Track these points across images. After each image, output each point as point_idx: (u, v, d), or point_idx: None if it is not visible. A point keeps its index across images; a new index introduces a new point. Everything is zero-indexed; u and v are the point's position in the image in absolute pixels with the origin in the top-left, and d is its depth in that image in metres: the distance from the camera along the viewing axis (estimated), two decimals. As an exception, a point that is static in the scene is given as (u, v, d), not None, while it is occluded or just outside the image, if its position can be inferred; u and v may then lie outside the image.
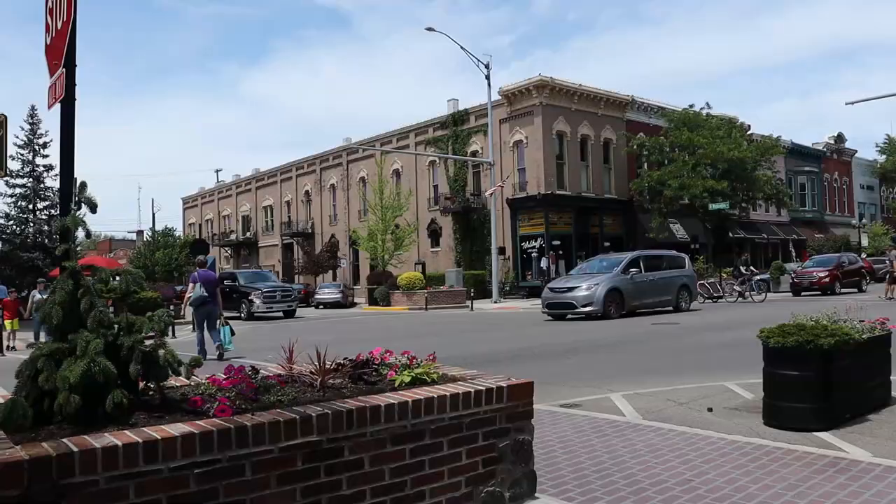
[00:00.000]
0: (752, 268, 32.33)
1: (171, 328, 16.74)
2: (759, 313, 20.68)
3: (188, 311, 14.96)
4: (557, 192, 39.91)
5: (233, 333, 14.51)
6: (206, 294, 14.11)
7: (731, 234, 46.91)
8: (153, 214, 70.47)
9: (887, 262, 30.15)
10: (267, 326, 25.20)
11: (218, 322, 14.22)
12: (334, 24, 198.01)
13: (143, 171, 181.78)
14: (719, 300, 29.42)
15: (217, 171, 77.75)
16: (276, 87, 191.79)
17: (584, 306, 21.53)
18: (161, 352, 3.22)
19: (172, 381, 3.67)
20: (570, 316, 22.01)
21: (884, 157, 68.13)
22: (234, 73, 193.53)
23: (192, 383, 3.67)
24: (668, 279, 24.26)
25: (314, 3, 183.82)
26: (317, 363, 3.83)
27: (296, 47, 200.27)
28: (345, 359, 4.14)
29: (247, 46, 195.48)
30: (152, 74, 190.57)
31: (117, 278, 3.53)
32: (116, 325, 3.21)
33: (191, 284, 14.72)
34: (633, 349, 13.73)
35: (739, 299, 29.04)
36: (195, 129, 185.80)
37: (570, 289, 22.39)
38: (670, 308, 23.88)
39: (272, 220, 64.01)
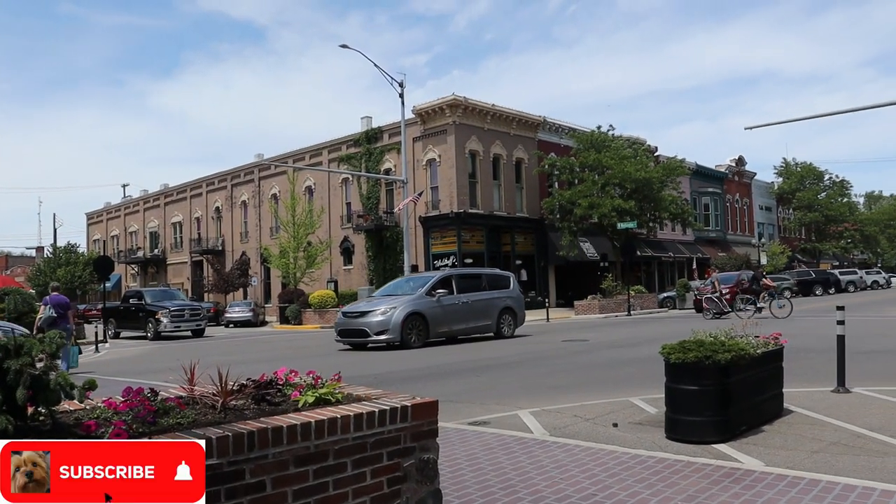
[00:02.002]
0: (766, 279, 28.55)
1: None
2: (655, 330, 21.26)
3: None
4: (470, 211, 40.27)
5: (80, 352, 16.84)
6: (54, 315, 15.90)
7: (639, 253, 48.17)
8: (54, 230, 67.76)
9: (710, 283, 31.55)
10: (174, 346, 24.55)
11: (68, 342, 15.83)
12: (248, 39, 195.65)
13: (44, 185, 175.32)
14: (724, 316, 26.41)
15: (124, 185, 75.64)
16: (187, 101, 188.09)
17: (379, 333, 18.78)
18: (52, 374, 3.09)
19: (66, 406, 3.53)
20: (370, 345, 19.29)
21: (780, 179, 71.51)
22: (144, 85, 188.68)
23: (87, 407, 3.54)
24: (488, 301, 21.26)
25: (228, 16, 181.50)
26: (219, 384, 3.75)
27: (208, 61, 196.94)
28: (248, 379, 4.07)
29: (157, 58, 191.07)
30: (56, 84, 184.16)
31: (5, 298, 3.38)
32: (3, 348, 3.08)
33: (42, 307, 16.53)
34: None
35: (757, 314, 25.12)
36: (101, 141, 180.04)
37: (364, 313, 19.46)
38: (490, 334, 21.34)
39: (181, 237, 62.51)
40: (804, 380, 9.87)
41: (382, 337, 18.76)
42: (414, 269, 37.33)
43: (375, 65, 32.15)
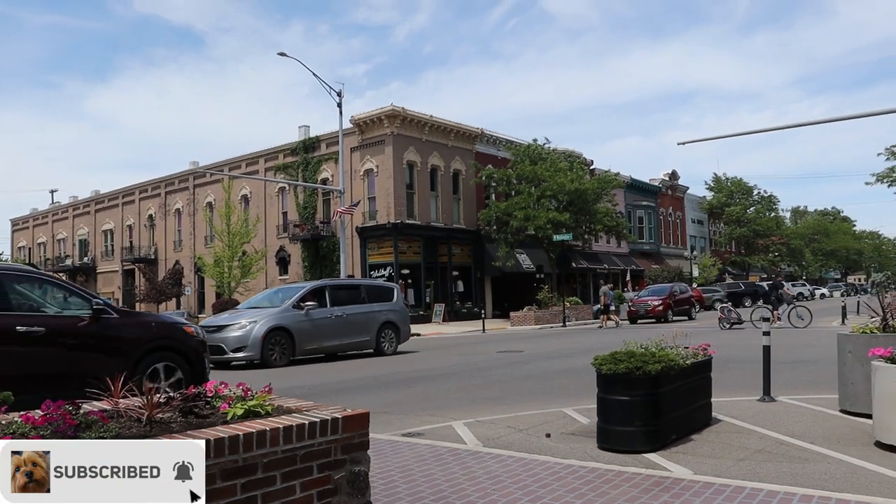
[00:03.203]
0: (785, 288, 27.13)
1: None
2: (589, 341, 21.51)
3: None
4: (407, 222, 40.24)
5: None
6: None
7: (574, 264, 48.82)
8: (-23, 237, 65.69)
9: (601, 295, 32.87)
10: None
11: None
12: (186, 44, 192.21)
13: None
14: (734, 326, 25.88)
15: (52, 191, 73.96)
16: (121, 106, 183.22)
17: (236, 350, 17.12)
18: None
19: (-20, 420, 3.41)
20: (233, 363, 17.48)
21: (712, 194, 73.37)
22: (76, 88, 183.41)
23: (3, 422, 3.42)
24: (366, 315, 19.67)
25: (165, 20, 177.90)
26: (144, 396, 3.67)
27: (144, 65, 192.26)
28: (176, 391, 3.99)
29: (90, 61, 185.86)
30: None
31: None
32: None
33: None
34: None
35: (776, 324, 24.51)
36: (29, 145, 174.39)
37: (221, 328, 17.62)
38: (370, 350, 19.85)
39: (112, 245, 61.08)
40: (732, 389, 10.11)
41: (241, 354, 17.21)
42: (350, 279, 37.15)
43: (314, 74, 32.01)
